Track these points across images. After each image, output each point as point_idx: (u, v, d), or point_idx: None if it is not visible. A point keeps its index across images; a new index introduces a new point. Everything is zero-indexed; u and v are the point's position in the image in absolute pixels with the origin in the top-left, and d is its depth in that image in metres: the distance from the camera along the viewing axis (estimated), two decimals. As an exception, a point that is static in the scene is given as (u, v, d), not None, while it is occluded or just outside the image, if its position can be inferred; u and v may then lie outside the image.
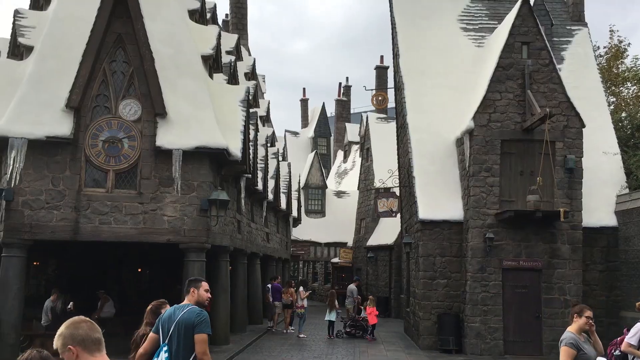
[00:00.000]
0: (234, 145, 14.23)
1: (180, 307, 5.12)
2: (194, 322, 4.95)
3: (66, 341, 2.67)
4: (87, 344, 2.67)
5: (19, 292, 12.44)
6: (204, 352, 4.93)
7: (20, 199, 12.50)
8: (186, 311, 5.04)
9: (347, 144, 40.97)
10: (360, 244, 31.81)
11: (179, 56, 14.23)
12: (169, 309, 5.21)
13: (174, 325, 4.99)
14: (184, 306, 5.13)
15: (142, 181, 13.28)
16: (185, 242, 13.35)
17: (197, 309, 5.08)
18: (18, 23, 14.91)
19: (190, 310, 5.04)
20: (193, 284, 5.35)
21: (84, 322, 2.79)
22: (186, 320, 4.97)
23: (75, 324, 2.76)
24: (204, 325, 4.98)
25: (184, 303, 5.20)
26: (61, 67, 13.07)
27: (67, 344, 2.65)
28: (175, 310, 5.11)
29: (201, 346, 4.92)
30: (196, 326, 4.95)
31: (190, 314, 5.00)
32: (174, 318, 5.03)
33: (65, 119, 12.74)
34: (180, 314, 5.03)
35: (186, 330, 4.95)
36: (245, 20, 31.66)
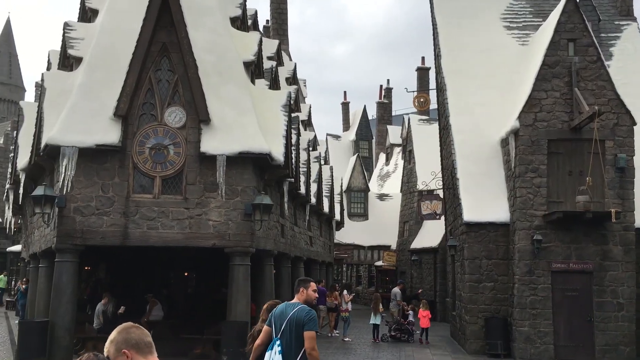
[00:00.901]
0: (277, 150, 14.34)
1: (291, 305, 5.72)
2: (303, 320, 5.52)
3: (120, 346, 2.72)
4: (141, 347, 2.73)
5: (71, 296, 12.83)
6: (312, 347, 5.47)
7: (72, 206, 12.89)
8: (297, 309, 5.61)
9: (389, 147, 40.74)
10: (403, 246, 31.55)
11: (221, 63, 14.45)
12: (280, 306, 5.82)
13: (286, 321, 5.57)
14: (295, 304, 5.72)
15: (188, 187, 13.52)
16: (230, 246, 13.52)
17: (306, 308, 5.65)
18: (67, 35, 15.43)
19: (301, 309, 5.62)
20: (302, 284, 5.94)
21: (134, 327, 2.84)
22: (297, 318, 5.55)
23: (127, 329, 2.81)
24: (313, 323, 5.56)
25: (294, 301, 5.80)
26: (109, 77, 13.44)
27: (121, 348, 2.70)
28: (287, 307, 5.71)
29: (310, 342, 5.47)
30: (305, 324, 5.51)
31: (301, 312, 5.57)
32: (286, 315, 5.62)
33: (113, 127, 13.09)
34: (291, 312, 5.61)
35: (297, 327, 5.52)
36: (285, 26, 31.91)
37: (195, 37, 13.87)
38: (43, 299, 14.27)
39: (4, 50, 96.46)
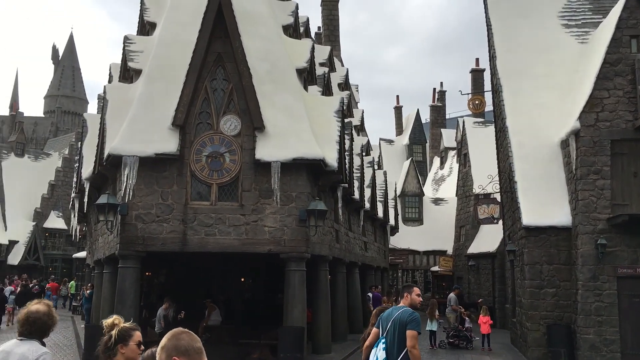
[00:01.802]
0: (330, 156, 14.40)
1: (397, 308, 6.20)
2: (406, 320, 5.92)
3: (170, 352, 2.72)
4: (191, 354, 2.74)
5: (134, 300, 13.23)
6: (413, 346, 5.84)
7: (133, 213, 13.32)
8: (401, 311, 6.05)
9: (443, 150, 40.20)
10: (460, 251, 31.01)
11: (275, 71, 14.65)
12: (387, 310, 6.32)
13: (391, 322, 6.04)
14: (400, 307, 6.17)
15: (244, 193, 13.73)
16: (286, 252, 13.64)
17: (410, 310, 6.06)
18: (127, 49, 15.99)
19: (404, 311, 6.04)
20: (407, 289, 6.37)
21: (184, 332, 2.84)
22: (400, 318, 5.98)
23: (177, 335, 2.79)
24: (415, 323, 5.92)
25: (399, 305, 6.27)
26: (167, 88, 13.84)
27: (172, 355, 2.72)
28: (393, 310, 6.20)
29: (411, 341, 5.84)
30: (408, 324, 5.91)
31: (404, 314, 5.99)
32: (391, 316, 6.08)
33: (171, 136, 13.46)
34: (396, 314, 6.06)
35: (400, 327, 5.94)
36: (337, 32, 32.03)
37: (249, 46, 14.11)
38: (107, 303, 14.78)
39: (68, 64, 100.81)
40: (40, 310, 3.95)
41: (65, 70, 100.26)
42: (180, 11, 15.42)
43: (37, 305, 4.02)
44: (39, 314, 3.93)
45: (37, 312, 3.94)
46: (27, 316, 3.93)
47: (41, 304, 4.05)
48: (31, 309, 3.98)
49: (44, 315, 3.93)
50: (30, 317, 3.92)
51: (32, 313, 3.93)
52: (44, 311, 3.96)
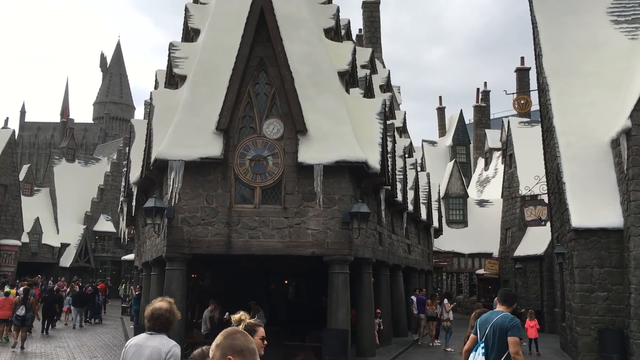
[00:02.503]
0: (373, 158, 14.35)
1: (495, 313, 6.15)
2: (507, 326, 5.87)
3: (225, 351, 2.75)
4: (245, 354, 2.76)
5: (181, 302, 13.44)
6: (516, 352, 5.80)
7: (179, 217, 13.57)
8: (501, 316, 6.00)
9: (487, 151, 39.53)
10: (506, 254, 30.42)
11: (316, 74, 14.71)
12: (485, 314, 6.32)
13: (490, 327, 5.99)
14: (498, 312, 6.12)
15: (287, 196, 13.83)
16: (329, 254, 13.65)
17: (510, 315, 6.03)
18: (173, 55, 16.33)
19: (504, 316, 6.00)
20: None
21: (239, 332, 2.87)
22: (500, 324, 5.92)
23: (232, 334, 2.83)
24: (516, 329, 5.88)
25: (497, 309, 6.23)
26: (211, 93, 14.07)
27: (227, 354, 2.75)
28: (491, 314, 6.16)
29: (514, 347, 5.81)
30: (509, 330, 5.87)
31: (505, 319, 5.95)
32: (490, 321, 6.05)
33: (216, 140, 13.67)
34: (495, 318, 6.01)
35: (500, 332, 5.90)
36: (378, 34, 31.94)
37: (291, 49, 14.22)
38: (155, 305, 15.09)
39: (115, 71, 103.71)
40: (163, 307, 4.29)
41: (113, 77, 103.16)
42: (223, 17, 15.66)
43: (160, 302, 4.36)
44: (161, 310, 4.27)
45: (160, 309, 4.28)
46: (152, 313, 4.28)
47: (164, 301, 4.38)
48: (155, 306, 4.33)
49: (165, 312, 4.26)
50: (154, 314, 4.27)
51: (156, 310, 4.28)
52: (166, 308, 4.29)
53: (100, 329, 22.71)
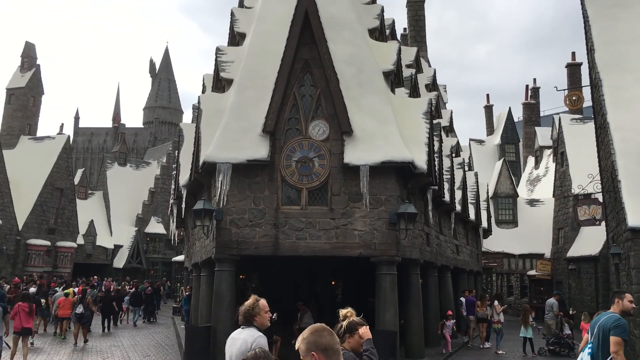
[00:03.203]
0: (419, 158, 14.23)
1: (605, 314, 6.20)
2: (610, 326, 5.93)
3: (310, 347, 2.79)
4: (329, 353, 2.79)
5: (231, 303, 13.67)
6: (616, 352, 5.82)
7: (228, 218, 13.78)
8: (607, 317, 6.07)
9: (537, 149, 38.59)
10: (559, 255, 29.61)
11: (361, 75, 14.68)
12: (598, 315, 6.33)
13: (597, 327, 6.09)
14: (607, 313, 6.18)
15: (333, 197, 13.85)
16: (376, 255, 13.60)
17: (616, 316, 6.04)
18: (219, 59, 16.59)
19: (610, 317, 6.04)
20: (617, 295, 6.39)
21: (326, 330, 2.88)
22: (605, 324, 6.00)
23: (320, 331, 2.86)
24: (620, 330, 5.88)
25: (609, 310, 6.25)
26: (257, 96, 14.23)
27: (311, 350, 2.78)
28: (602, 315, 6.22)
29: (615, 346, 5.82)
30: (611, 329, 5.90)
31: (609, 320, 6.00)
32: (597, 322, 6.14)
33: (262, 143, 13.81)
34: (602, 319, 6.09)
35: (604, 333, 5.97)
36: (423, 32, 31.63)
37: (336, 51, 14.24)
38: (205, 305, 15.36)
39: (164, 77, 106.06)
40: (247, 304, 4.96)
41: (161, 82, 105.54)
42: (268, 21, 15.82)
43: (249, 300, 5.01)
44: (246, 307, 4.95)
45: (245, 306, 4.96)
46: (241, 310, 4.99)
47: (251, 298, 5.02)
48: (245, 303, 5.00)
49: (249, 307, 4.93)
50: (242, 310, 4.98)
51: (244, 306, 4.97)
52: (249, 304, 4.95)
53: (154, 329, 23.27)
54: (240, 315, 4.99)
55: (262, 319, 4.98)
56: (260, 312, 4.96)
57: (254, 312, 4.94)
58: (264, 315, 4.96)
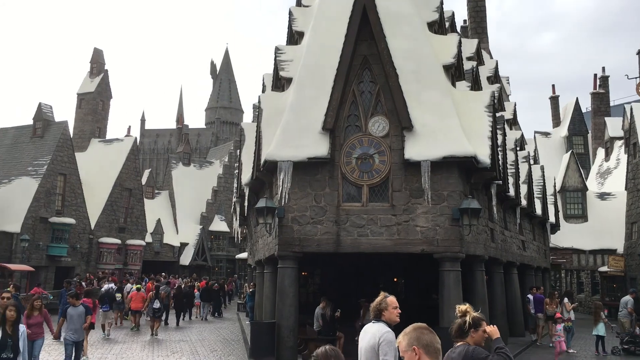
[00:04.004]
0: (482, 152, 13.92)
1: None
2: None
3: (412, 342, 2.89)
4: (430, 350, 2.86)
5: (294, 299, 13.81)
6: None
7: (289, 216, 13.92)
8: None
9: (608, 141, 37.00)
10: (632, 250, 28.32)
11: (421, 69, 14.50)
12: None
13: None
14: None
15: (394, 194, 13.75)
16: (439, 252, 13.42)
17: None
18: (278, 59, 16.77)
19: None
20: None
21: (427, 329, 2.98)
22: None
23: (421, 329, 2.98)
24: None
25: None
26: (317, 94, 14.29)
27: (413, 344, 2.86)
28: None
29: None
30: None
31: None
32: None
33: (322, 140, 13.87)
34: None
35: None
36: (484, 23, 30.92)
37: (394, 46, 14.12)
38: (269, 301, 15.59)
39: (225, 77, 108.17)
40: (377, 300, 5.32)
41: (222, 83, 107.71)
42: (326, 18, 15.85)
43: (379, 296, 5.34)
44: (375, 302, 5.29)
45: (375, 301, 5.30)
46: (372, 305, 5.33)
47: (381, 294, 5.36)
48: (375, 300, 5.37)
49: (377, 302, 5.27)
50: (372, 305, 5.31)
51: (374, 302, 5.32)
52: (378, 299, 5.30)
53: (220, 324, 23.84)
54: (371, 310, 5.34)
55: (390, 314, 5.23)
56: (387, 308, 5.23)
57: (381, 308, 5.23)
58: (391, 310, 5.21)
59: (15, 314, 7.52)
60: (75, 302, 11.59)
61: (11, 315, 7.48)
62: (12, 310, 7.55)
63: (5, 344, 7.30)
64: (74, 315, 11.36)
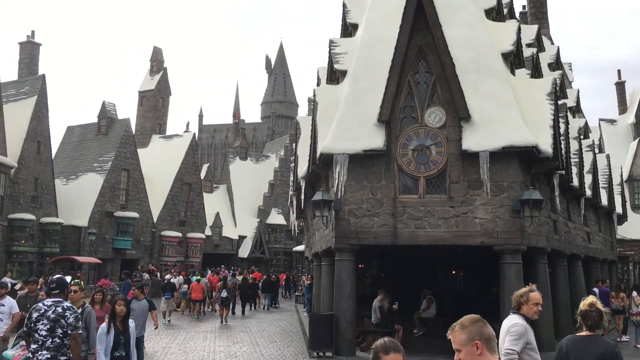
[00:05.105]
0: (544, 141, 13.52)
1: None
2: None
3: (473, 336, 2.80)
4: (492, 344, 2.80)
5: (351, 291, 13.84)
6: None
7: (346, 208, 13.93)
8: None
9: (679, 127, 35.17)
10: None
11: (478, 58, 14.18)
12: None
13: None
14: None
15: (452, 185, 13.54)
16: (499, 244, 13.14)
17: None
18: (333, 51, 16.77)
19: None
20: None
21: (483, 322, 2.90)
22: None
23: (479, 322, 2.88)
24: None
25: None
26: (372, 86, 14.21)
27: (474, 339, 2.78)
28: None
29: None
30: None
31: None
32: None
33: (377, 132, 13.80)
34: None
35: None
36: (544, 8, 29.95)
37: (451, 35, 13.86)
38: (326, 293, 15.69)
39: (279, 72, 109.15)
40: (520, 291, 5.35)
41: (277, 77, 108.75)
42: (380, 10, 15.71)
43: (524, 288, 5.38)
44: (517, 293, 5.33)
45: (517, 292, 5.35)
46: (513, 296, 5.36)
47: (527, 287, 5.40)
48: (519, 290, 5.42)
49: (519, 294, 5.30)
50: (513, 296, 5.35)
51: (515, 293, 5.35)
52: (521, 291, 5.32)
53: (279, 316, 24.20)
54: (512, 300, 5.41)
55: (529, 309, 5.23)
56: (527, 302, 5.23)
57: (521, 301, 5.26)
58: (531, 306, 5.21)
59: (125, 308, 7.03)
60: (139, 296, 11.02)
61: (121, 310, 6.99)
62: (121, 304, 7.03)
63: (118, 341, 6.83)
64: (137, 310, 10.84)
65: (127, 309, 6.91)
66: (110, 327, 6.76)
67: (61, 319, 6.51)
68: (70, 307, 6.76)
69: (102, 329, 6.78)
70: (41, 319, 6.52)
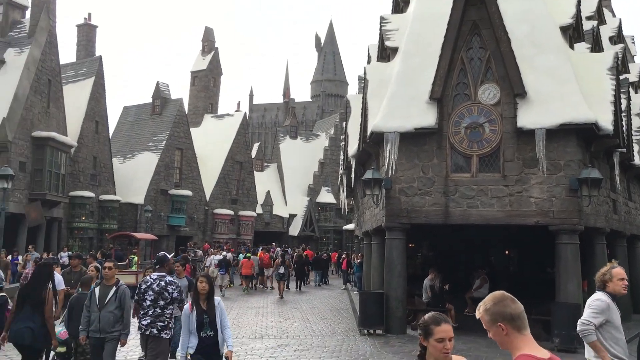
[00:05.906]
0: (604, 118, 13.02)
1: None
2: None
3: (496, 317, 2.72)
4: (516, 322, 2.71)
5: (402, 270, 13.82)
6: None
7: (397, 187, 13.85)
8: None
9: None
10: None
11: (535, 32, 13.72)
12: None
13: None
14: None
15: (506, 164, 13.25)
16: (555, 224, 12.81)
17: None
18: (384, 28, 16.55)
19: None
20: None
21: (509, 299, 2.78)
22: None
23: (503, 301, 2.77)
24: None
25: None
26: (423, 63, 13.98)
27: (497, 321, 2.71)
28: None
29: None
30: None
31: None
32: None
33: (429, 110, 13.59)
34: None
35: None
36: (606, -22, 28.56)
37: (506, 9, 13.45)
38: (377, 272, 15.72)
39: (329, 50, 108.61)
40: (602, 270, 5.49)
41: (327, 56, 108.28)
42: (432, -16, 15.35)
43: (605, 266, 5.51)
44: (600, 272, 5.47)
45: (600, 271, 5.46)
46: (597, 275, 5.48)
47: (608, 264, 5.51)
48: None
49: (602, 273, 5.43)
50: (597, 276, 5.48)
51: (599, 272, 5.46)
52: (603, 270, 5.46)
53: (329, 294, 24.45)
54: (595, 281, 5.51)
55: (615, 285, 5.32)
56: (612, 279, 5.32)
57: (605, 279, 5.35)
58: (616, 282, 5.31)
59: (207, 285, 6.53)
60: (181, 273, 9.98)
61: (202, 288, 6.49)
62: (203, 281, 6.54)
63: (202, 321, 6.37)
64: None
65: (209, 286, 6.55)
66: (193, 308, 6.44)
67: (164, 292, 7.63)
68: (172, 282, 7.78)
69: (185, 309, 6.43)
70: (148, 290, 7.65)
